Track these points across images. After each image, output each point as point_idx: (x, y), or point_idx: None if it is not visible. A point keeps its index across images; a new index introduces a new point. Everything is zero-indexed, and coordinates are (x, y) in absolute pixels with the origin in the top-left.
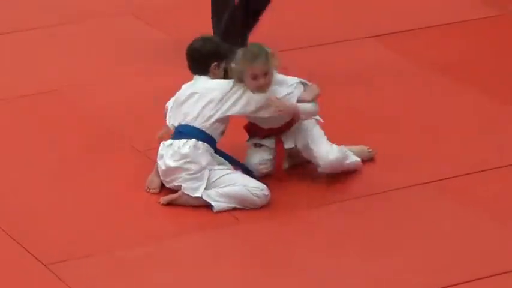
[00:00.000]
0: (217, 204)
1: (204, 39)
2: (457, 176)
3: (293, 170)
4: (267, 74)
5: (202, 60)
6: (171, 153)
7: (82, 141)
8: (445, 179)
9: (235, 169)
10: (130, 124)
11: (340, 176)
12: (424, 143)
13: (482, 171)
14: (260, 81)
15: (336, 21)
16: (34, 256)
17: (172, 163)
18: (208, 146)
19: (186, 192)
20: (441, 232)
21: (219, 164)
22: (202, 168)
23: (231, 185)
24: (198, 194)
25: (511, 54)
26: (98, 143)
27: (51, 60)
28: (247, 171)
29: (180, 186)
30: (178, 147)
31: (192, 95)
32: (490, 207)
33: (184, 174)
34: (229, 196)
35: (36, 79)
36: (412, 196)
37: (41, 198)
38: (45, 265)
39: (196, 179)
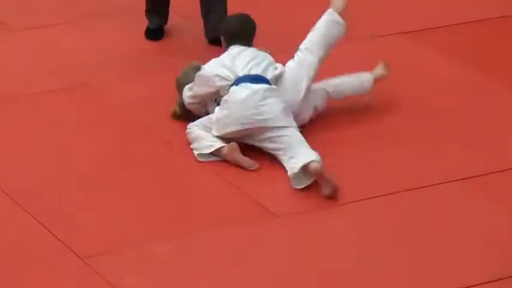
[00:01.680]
0: None
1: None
2: (482, 175)
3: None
4: None
5: (253, 32)
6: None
7: (114, 134)
8: (471, 177)
9: None
10: (161, 117)
11: (368, 170)
12: (456, 138)
13: (508, 169)
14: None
15: (365, 17)
16: (71, 249)
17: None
18: None
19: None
20: (466, 230)
21: None
22: None
23: None
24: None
25: None
26: (130, 136)
27: (79, 53)
28: None
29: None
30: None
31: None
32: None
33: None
34: None
35: (64, 73)
36: (435, 194)
37: (77, 192)
38: (81, 258)
39: None
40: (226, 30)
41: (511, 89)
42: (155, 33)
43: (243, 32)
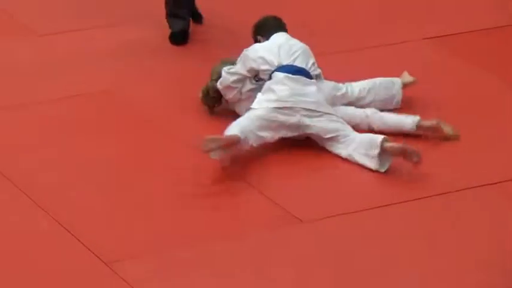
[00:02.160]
0: None
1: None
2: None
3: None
4: None
5: None
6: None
7: (138, 139)
8: (497, 183)
9: None
10: (184, 122)
11: (394, 176)
12: (485, 145)
13: None
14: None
15: (390, 22)
16: (95, 254)
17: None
18: None
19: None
20: (501, 234)
21: None
22: None
23: None
24: None
25: None
26: (153, 141)
27: (103, 60)
28: None
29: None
30: None
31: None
32: None
33: None
34: None
35: (88, 79)
36: (469, 199)
37: (101, 197)
38: (105, 263)
39: None
40: (266, 24)
41: None
42: (179, 36)
43: (281, 25)
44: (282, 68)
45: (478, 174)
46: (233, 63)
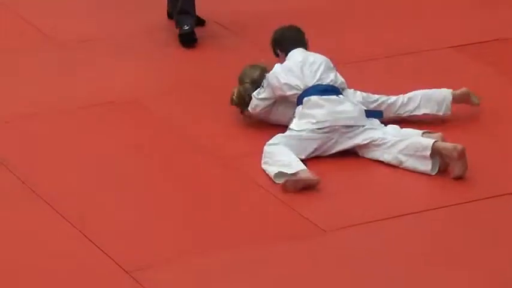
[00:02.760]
0: None
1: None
2: None
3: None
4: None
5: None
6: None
7: (164, 149)
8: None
9: None
10: (211, 132)
11: (415, 185)
12: (503, 153)
13: None
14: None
15: (416, 31)
16: (116, 263)
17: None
18: None
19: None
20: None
21: None
22: None
23: None
24: None
25: None
26: (179, 150)
27: (130, 69)
28: None
29: None
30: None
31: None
32: None
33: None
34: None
35: (115, 88)
36: (492, 207)
37: (123, 206)
38: (126, 272)
39: None
40: (284, 38)
41: None
42: (190, 36)
43: (300, 37)
44: (310, 90)
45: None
46: (262, 69)
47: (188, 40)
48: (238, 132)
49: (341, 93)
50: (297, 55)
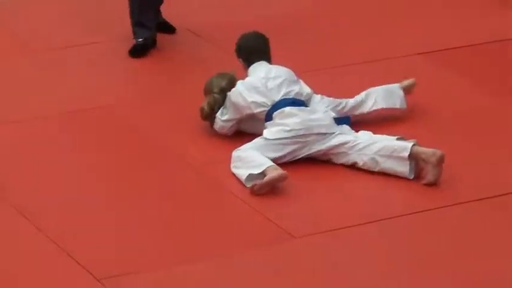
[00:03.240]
0: None
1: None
2: (502, 195)
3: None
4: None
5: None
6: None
7: (136, 156)
8: (491, 197)
9: None
10: (183, 140)
11: (386, 191)
12: (469, 160)
13: None
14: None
15: (384, 38)
16: (87, 270)
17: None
18: None
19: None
20: (499, 249)
21: None
22: None
23: None
24: None
25: None
26: (151, 158)
27: (102, 76)
28: None
29: None
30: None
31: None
32: None
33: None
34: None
35: (86, 94)
36: (466, 213)
37: (94, 213)
38: (98, 279)
39: None
40: (247, 49)
41: None
42: (140, 49)
43: (264, 48)
44: (279, 104)
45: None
46: (230, 78)
47: (136, 52)
48: (208, 139)
49: (307, 106)
50: (259, 71)
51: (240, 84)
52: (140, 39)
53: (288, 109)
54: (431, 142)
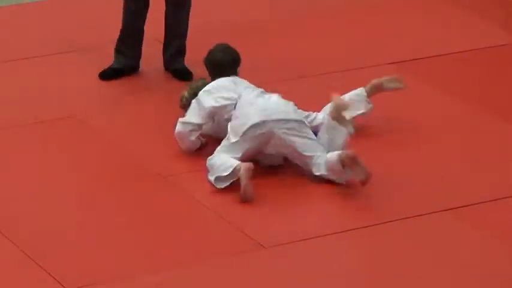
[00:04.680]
0: None
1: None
2: (475, 204)
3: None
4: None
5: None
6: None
7: (104, 166)
8: (465, 206)
9: None
10: (151, 150)
11: (357, 200)
12: (440, 169)
13: (500, 199)
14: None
15: (356, 48)
16: (57, 280)
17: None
18: None
19: None
20: (459, 261)
21: None
22: None
23: None
24: None
25: None
26: (119, 168)
27: (70, 85)
28: None
29: None
30: None
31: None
32: (504, 236)
33: None
34: None
35: (54, 104)
36: (428, 224)
37: (64, 223)
38: None
39: None
40: (214, 64)
41: (499, 118)
42: (106, 75)
43: (231, 65)
44: (242, 95)
45: (435, 200)
46: (203, 81)
47: (106, 76)
48: (179, 149)
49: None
50: (223, 79)
51: (205, 89)
52: (114, 65)
53: (245, 97)
54: (397, 147)
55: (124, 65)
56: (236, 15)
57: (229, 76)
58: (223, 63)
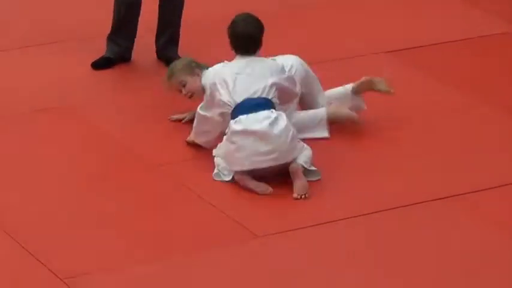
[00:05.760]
0: None
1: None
2: (471, 192)
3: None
4: (184, 85)
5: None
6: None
7: (94, 156)
8: (461, 194)
9: None
10: (145, 139)
11: (355, 189)
12: (436, 158)
13: (496, 187)
14: (183, 93)
15: (351, 36)
16: (51, 270)
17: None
18: None
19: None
20: (452, 249)
21: None
22: None
23: None
24: None
25: None
26: (112, 158)
27: (63, 75)
28: None
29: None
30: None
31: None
32: (503, 224)
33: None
34: None
35: (48, 94)
36: (423, 212)
37: (58, 214)
38: (61, 279)
39: None
40: (236, 37)
41: (494, 107)
42: (99, 64)
43: (253, 40)
44: (239, 107)
45: (431, 188)
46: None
47: (98, 65)
48: (172, 139)
49: (273, 107)
50: (236, 65)
51: (211, 71)
52: (105, 55)
53: (242, 126)
54: (392, 137)
55: (116, 54)
56: (231, 7)
57: (249, 52)
58: (246, 37)
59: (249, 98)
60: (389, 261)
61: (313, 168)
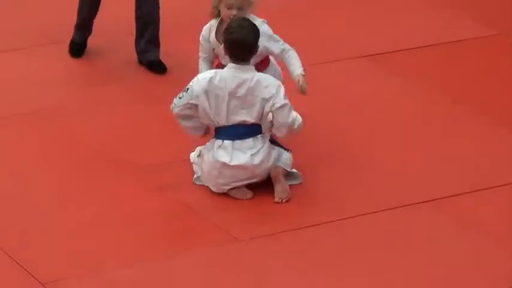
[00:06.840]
0: None
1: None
2: (453, 196)
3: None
4: (241, 9)
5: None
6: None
7: (72, 160)
8: (441, 198)
9: None
10: (126, 142)
11: (337, 192)
12: (419, 162)
13: (477, 190)
14: (233, 12)
15: (328, 41)
16: (31, 274)
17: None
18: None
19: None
20: (436, 252)
21: None
22: None
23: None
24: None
25: (505, 73)
26: (93, 161)
27: (43, 78)
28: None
29: None
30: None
31: None
32: (485, 227)
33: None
34: None
35: (28, 97)
36: (406, 216)
37: (38, 218)
38: (42, 284)
39: None
40: (230, 44)
41: (474, 110)
42: (78, 47)
43: (246, 48)
44: (221, 132)
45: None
46: None
47: (73, 51)
48: (153, 141)
49: (260, 131)
50: (229, 78)
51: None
52: (76, 36)
53: (226, 159)
54: (374, 143)
55: (84, 39)
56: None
57: (242, 61)
58: (238, 45)
59: (231, 126)
60: (371, 266)
61: (294, 170)
